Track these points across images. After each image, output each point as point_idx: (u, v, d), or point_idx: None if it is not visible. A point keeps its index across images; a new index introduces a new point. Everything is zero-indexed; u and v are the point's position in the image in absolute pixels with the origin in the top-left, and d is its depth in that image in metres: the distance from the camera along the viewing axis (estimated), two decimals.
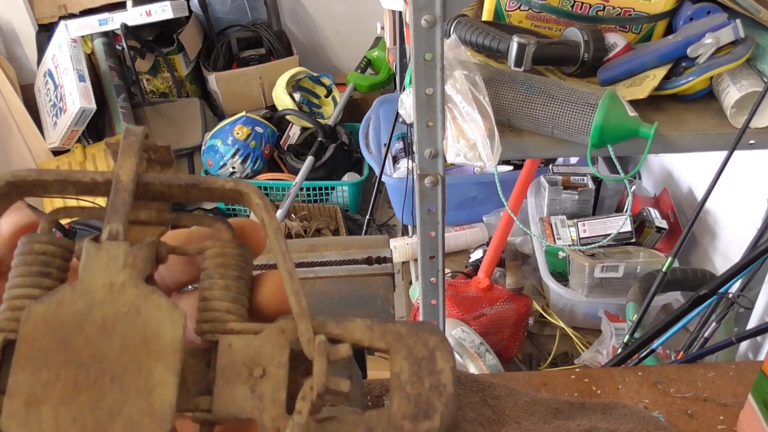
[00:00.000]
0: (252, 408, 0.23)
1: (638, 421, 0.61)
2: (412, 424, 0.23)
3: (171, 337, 0.22)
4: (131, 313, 0.23)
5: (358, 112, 2.50)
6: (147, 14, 2.37)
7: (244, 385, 0.23)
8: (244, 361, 0.24)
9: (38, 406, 0.21)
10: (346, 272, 0.71)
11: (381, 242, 0.74)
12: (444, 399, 0.24)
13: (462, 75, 0.85)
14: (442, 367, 0.25)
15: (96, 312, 0.22)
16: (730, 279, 0.93)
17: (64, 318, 0.22)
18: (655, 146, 0.85)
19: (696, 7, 0.92)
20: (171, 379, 0.22)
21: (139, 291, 0.23)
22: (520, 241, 1.88)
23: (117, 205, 0.24)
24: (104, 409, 0.21)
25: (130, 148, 0.25)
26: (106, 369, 0.22)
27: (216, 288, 0.25)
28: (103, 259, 0.23)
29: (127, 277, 0.23)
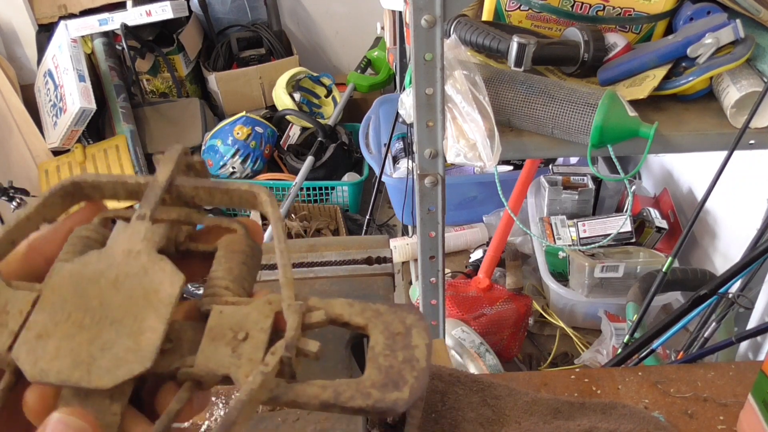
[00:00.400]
0: (230, 365, 0.25)
1: (638, 421, 0.61)
2: (380, 393, 0.24)
3: (167, 294, 0.26)
4: (140, 274, 0.26)
5: (358, 112, 2.50)
6: (147, 14, 2.37)
7: (227, 346, 0.25)
8: (231, 326, 0.26)
9: (46, 339, 0.25)
10: (346, 272, 0.71)
11: (381, 242, 0.74)
12: (415, 372, 0.25)
13: (462, 75, 0.85)
14: (417, 343, 0.25)
15: (112, 271, 0.26)
16: (730, 279, 0.93)
17: (85, 274, 0.26)
18: (655, 146, 0.85)
19: (696, 7, 0.92)
20: (159, 327, 0.25)
21: (150, 257, 0.27)
22: (520, 241, 1.88)
23: (149, 196, 0.28)
24: (98, 345, 0.25)
25: (169, 159, 0.29)
26: (109, 315, 0.25)
27: (221, 269, 0.28)
28: (127, 233, 0.28)
29: (143, 247, 0.27)
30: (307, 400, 0.25)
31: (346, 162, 2.43)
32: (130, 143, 2.40)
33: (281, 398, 0.25)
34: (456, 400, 0.62)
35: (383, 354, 0.25)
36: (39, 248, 0.29)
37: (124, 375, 0.24)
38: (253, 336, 0.25)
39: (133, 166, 2.36)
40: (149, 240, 0.27)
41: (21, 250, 0.28)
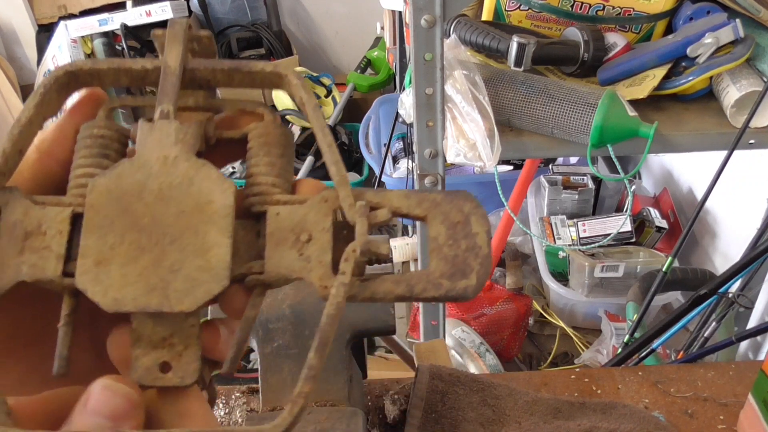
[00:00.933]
0: (300, 269, 0.25)
1: (638, 420, 0.61)
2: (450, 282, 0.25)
3: (222, 204, 0.24)
4: (185, 183, 0.25)
5: (358, 112, 2.50)
6: (147, 14, 2.37)
7: (292, 249, 0.25)
8: (291, 228, 0.25)
9: (107, 265, 0.24)
10: None
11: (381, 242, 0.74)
12: (479, 259, 0.25)
13: (462, 75, 0.85)
14: (477, 230, 0.26)
15: (153, 182, 0.24)
16: (730, 279, 0.93)
17: (124, 188, 0.24)
18: (654, 146, 0.85)
19: (696, 7, 0.92)
20: (224, 241, 0.24)
21: (190, 164, 0.25)
22: (520, 241, 1.88)
23: (166, 88, 0.26)
24: (165, 266, 0.24)
25: (176, 38, 0.27)
26: (165, 232, 0.24)
27: (261, 164, 0.27)
28: (156, 136, 0.25)
29: (179, 152, 0.25)
30: (383, 295, 0.25)
31: (346, 162, 2.43)
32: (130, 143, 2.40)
33: (358, 297, 0.25)
34: (456, 400, 0.62)
35: (447, 244, 0.25)
36: (49, 151, 0.27)
37: (204, 296, 0.24)
38: (316, 237, 0.25)
39: None
40: (183, 142, 0.25)
41: (31, 157, 0.26)
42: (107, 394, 0.22)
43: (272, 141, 0.27)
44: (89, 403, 0.22)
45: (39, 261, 0.24)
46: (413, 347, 0.74)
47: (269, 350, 0.59)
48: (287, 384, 0.58)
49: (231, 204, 0.24)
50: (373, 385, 0.69)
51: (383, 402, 0.65)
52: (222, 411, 0.66)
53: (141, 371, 0.24)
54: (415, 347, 0.73)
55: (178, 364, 0.24)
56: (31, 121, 0.25)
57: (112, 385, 0.23)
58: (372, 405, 0.67)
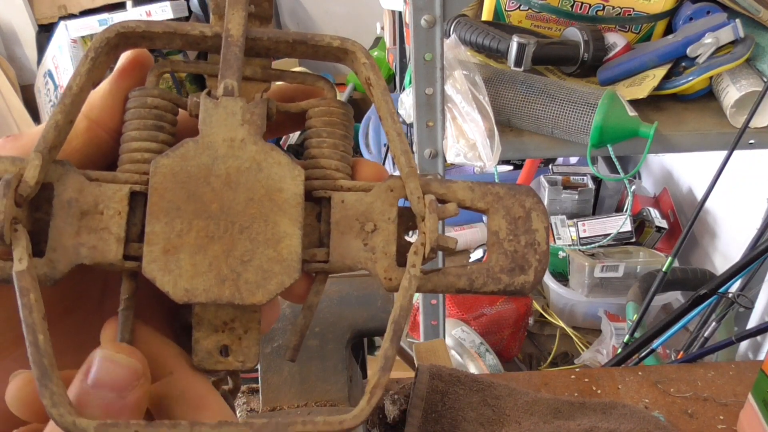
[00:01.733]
0: (365, 259, 0.24)
1: (638, 420, 0.61)
2: (509, 277, 0.25)
3: (293, 192, 0.24)
4: (253, 168, 0.24)
5: (358, 112, 2.50)
6: (147, 15, 2.38)
7: (357, 238, 0.25)
8: (356, 216, 0.25)
9: (176, 254, 0.23)
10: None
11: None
12: (538, 256, 0.25)
13: (462, 75, 0.85)
14: (537, 227, 0.26)
15: (220, 166, 0.23)
16: (730, 279, 0.93)
17: (190, 171, 0.23)
18: (654, 146, 0.85)
19: (696, 7, 0.92)
20: (296, 231, 0.23)
21: (258, 147, 0.24)
22: None
23: (230, 60, 0.24)
24: (236, 257, 0.23)
25: (238, 2, 0.25)
26: (235, 220, 0.23)
27: (325, 146, 0.26)
28: (221, 115, 0.24)
29: (246, 134, 0.24)
30: (445, 288, 0.25)
31: None
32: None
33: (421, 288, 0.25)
34: (456, 400, 0.62)
35: (507, 239, 0.25)
36: (99, 120, 0.25)
37: (276, 288, 0.23)
38: (381, 228, 0.25)
39: None
40: (251, 123, 0.24)
41: (80, 126, 0.25)
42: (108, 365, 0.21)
43: (335, 121, 0.26)
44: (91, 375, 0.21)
45: (99, 243, 0.23)
46: (413, 347, 0.74)
47: (269, 350, 0.60)
48: (287, 384, 0.58)
49: (301, 193, 0.24)
50: None
51: (383, 402, 0.65)
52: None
53: (202, 354, 0.24)
54: (415, 347, 0.73)
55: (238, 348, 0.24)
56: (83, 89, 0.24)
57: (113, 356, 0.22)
58: None
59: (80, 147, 0.25)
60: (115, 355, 0.22)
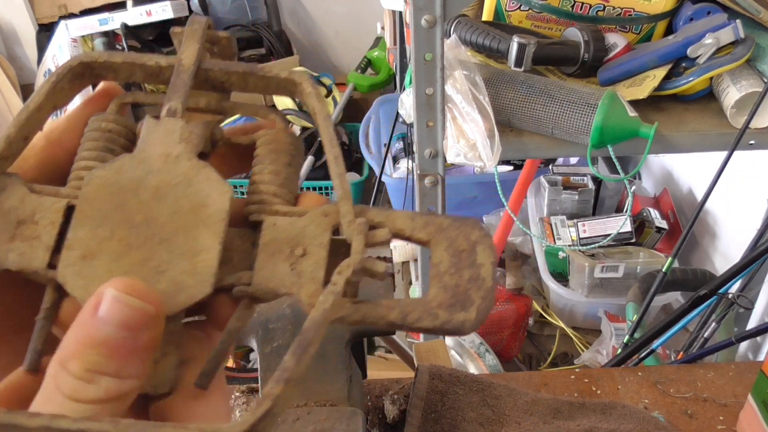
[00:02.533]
0: (291, 284, 0.24)
1: (638, 421, 0.61)
2: (447, 313, 0.23)
3: (218, 208, 0.24)
4: (183, 183, 0.24)
5: (358, 112, 2.49)
6: (147, 14, 2.37)
7: (285, 262, 0.24)
8: (287, 240, 0.24)
9: (92, 260, 0.23)
10: None
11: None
12: (482, 292, 0.24)
13: (462, 75, 0.85)
14: (482, 261, 0.24)
15: (151, 179, 0.24)
16: (730, 279, 0.93)
17: (121, 183, 0.24)
18: (655, 146, 0.85)
19: (696, 8, 0.92)
20: (215, 246, 0.23)
21: (192, 164, 0.24)
22: (520, 241, 1.88)
23: (177, 85, 0.26)
24: (152, 267, 0.23)
25: (194, 35, 0.26)
26: (157, 232, 0.23)
27: (266, 172, 0.26)
28: (161, 132, 0.25)
29: (182, 150, 0.25)
30: (375, 320, 0.23)
31: (346, 162, 2.43)
32: None
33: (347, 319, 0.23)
34: (456, 400, 0.62)
35: (448, 272, 0.24)
36: (57, 140, 0.26)
37: (185, 301, 0.23)
38: (311, 252, 0.24)
39: None
40: (187, 142, 0.25)
41: (38, 144, 0.26)
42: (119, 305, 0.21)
43: (281, 149, 0.27)
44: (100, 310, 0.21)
45: (27, 250, 0.23)
46: (413, 347, 0.74)
47: (269, 350, 0.60)
48: None
49: (226, 209, 0.24)
50: (372, 385, 0.69)
51: (383, 402, 0.65)
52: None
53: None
54: (415, 347, 0.73)
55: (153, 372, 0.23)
56: (40, 108, 0.25)
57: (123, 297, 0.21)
58: (372, 405, 0.67)
59: (35, 165, 0.25)
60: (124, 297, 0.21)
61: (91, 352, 0.20)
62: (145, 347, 0.21)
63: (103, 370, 0.20)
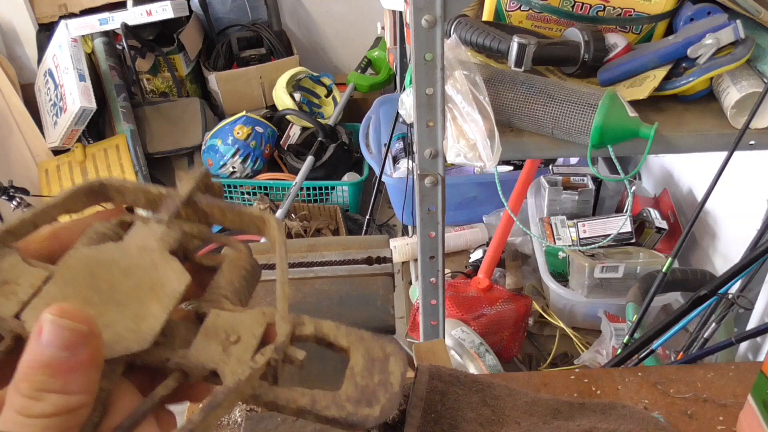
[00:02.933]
0: (219, 361, 0.27)
1: (638, 421, 0.61)
2: (354, 407, 0.26)
3: (173, 288, 0.28)
4: (150, 267, 0.28)
5: (359, 112, 2.50)
6: (147, 14, 2.37)
7: (219, 344, 0.27)
8: (225, 328, 0.28)
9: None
10: (346, 272, 0.71)
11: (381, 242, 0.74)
12: (388, 395, 0.26)
13: (462, 75, 0.85)
14: (393, 370, 0.27)
15: (124, 261, 0.28)
16: (729, 279, 0.93)
17: (99, 259, 0.28)
18: (655, 147, 0.85)
19: (696, 8, 0.92)
20: (161, 315, 0.27)
21: (162, 255, 0.29)
22: (520, 242, 1.88)
23: (168, 204, 0.31)
24: (102, 321, 0.26)
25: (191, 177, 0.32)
26: (116, 297, 0.27)
27: (222, 280, 0.30)
28: (144, 231, 0.30)
29: (157, 245, 0.29)
30: (285, 403, 0.26)
31: (346, 162, 2.43)
32: (130, 143, 2.40)
33: (262, 398, 0.26)
34: (455, 400, 0.62)
35: (361, 374, 0.27)
36: (60, 236, 0.30)
37: (122, 351, 0.25)
38: (244, 339, 0.27)
39: (133, 165, 2.36)
40: (164, 240, 0.29)
41: (44, 233, 0.30)
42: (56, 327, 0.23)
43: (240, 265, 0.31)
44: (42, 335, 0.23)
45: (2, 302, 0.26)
46: (413, 347, 0.74)
47: None
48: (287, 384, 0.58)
49: (181, 290, 0.28)
50: None
51: None
52: None
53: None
54: (415, 347, 0.73)
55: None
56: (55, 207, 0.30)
57: (58, 321, 0.24)
58: None
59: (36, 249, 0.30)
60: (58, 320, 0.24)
61: (37, 372, 0.23)
62: (85, 364, 0.24)
63: (49, 388, 0.23)
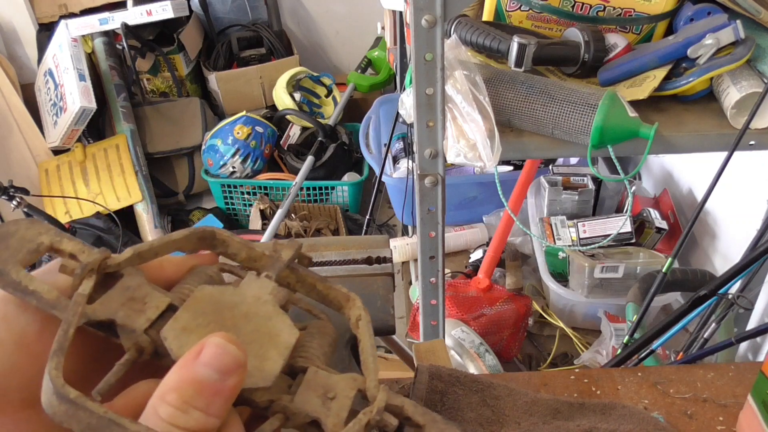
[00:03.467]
0: (321, 412, 0.30)
1: (638, 421, 0.61)
2: None
3: (286, 340, 0.31)
4: (265, 317, 0.32)
5: (359, 112, 2.50)
6: (147, 14, 2.37)
7: (319, 398, 0.31)
8: (323, 385, 0.32)
9: (189, 333, 0.30)
10: (345, 272, 0.71)
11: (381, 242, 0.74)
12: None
13: (462, 75, 0.85)
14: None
15: (244, 306, 0.32)
16: (729, 280, 0.93)
17: (222, 300, 0.32)
18: (655, 147, 0.85)
19: (696, 8, 0.92)
20: (279, 360, 0.30)
21: (274, 308, 0.33)
22: (520, 242, 1.88)
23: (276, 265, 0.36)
24: None
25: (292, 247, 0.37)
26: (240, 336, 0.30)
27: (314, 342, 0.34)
28: (257, 284, 0.34)
29: (270, 298, 0.33)
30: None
31: (346, 162, 2.43)
32: (130, 143, 2.40)
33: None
34: (455, 401, 0.62)
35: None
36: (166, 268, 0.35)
37: (250, 384, 0.29)
38: (339, 398, 0.31)
39: (133, 165, 2.36)
40: (275, 295, 0.33)
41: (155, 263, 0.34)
42: (219, 351, 0.26)
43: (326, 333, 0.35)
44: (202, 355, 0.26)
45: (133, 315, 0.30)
46: (413, 347, 0.74)
47: None
48: None
49: (293, 342, 0.31)
50: None
51: None
52: None
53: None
54: (415, 347, 0.73)
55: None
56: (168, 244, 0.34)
57: (225, 345, 0.27)
58: None
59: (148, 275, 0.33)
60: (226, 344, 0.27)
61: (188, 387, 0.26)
62: (229, 390, 0.26)
63: (195, 404, 0.26)
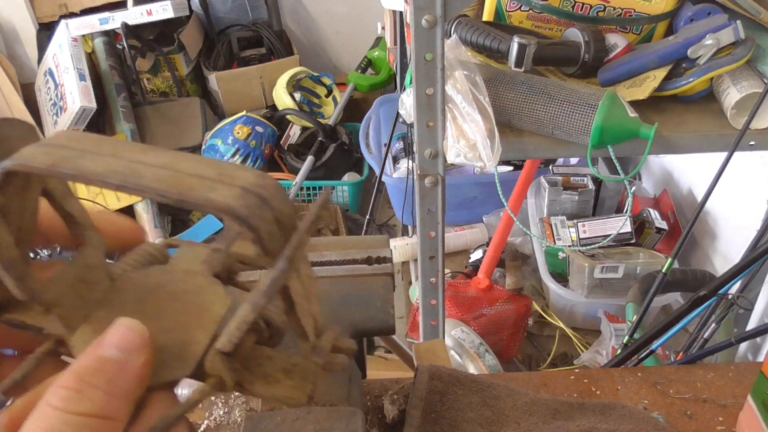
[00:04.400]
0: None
1: (637, 421, 0.61)
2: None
3: (216, 313, 0.28)
4: (195, 292, 0.29)
5: (359, 112, 2.49)
6: (148, 13, 2.37)
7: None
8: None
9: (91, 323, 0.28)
10: (345, 272, 0.71)
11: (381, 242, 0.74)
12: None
13: (462, 75, 0.85)
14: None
15: (171, 285, 0.30)
16: (729, 280, 0.93)
17: (146, 284, 0.30)
18: (655, 147, 0.85)
19: (697, 8, 0.92)
20: (204, 341, 0.27)
21: (206, 279, 0.30)
22: (520, 242, 1.88)
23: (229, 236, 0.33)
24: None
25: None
26: (161, 323, 0.28)
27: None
28: (190, 254, 0.31)
29: (201, 269, 0.30)
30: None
31: (346, 162, 2.43)
32: None
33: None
34: (455, 401, 0.62)
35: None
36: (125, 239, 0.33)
37: (167, 378, 0.27)
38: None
39: None
40: (208, 263, 0.31)
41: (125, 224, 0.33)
42: (122, 329, 0.25)
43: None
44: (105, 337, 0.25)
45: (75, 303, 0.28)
46: (413, 347, 0.74)
47: None
48: None
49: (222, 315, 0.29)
50: (372, 385, 0.69)
51: (382, 402, 0.65)
52: (221, 410, 0.66)
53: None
54: (415, 347, 0.73)
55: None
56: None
57: (131, 323, 0.26)
58: (371, 405, 0.67)
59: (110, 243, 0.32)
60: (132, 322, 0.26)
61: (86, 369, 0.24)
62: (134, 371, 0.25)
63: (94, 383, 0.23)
